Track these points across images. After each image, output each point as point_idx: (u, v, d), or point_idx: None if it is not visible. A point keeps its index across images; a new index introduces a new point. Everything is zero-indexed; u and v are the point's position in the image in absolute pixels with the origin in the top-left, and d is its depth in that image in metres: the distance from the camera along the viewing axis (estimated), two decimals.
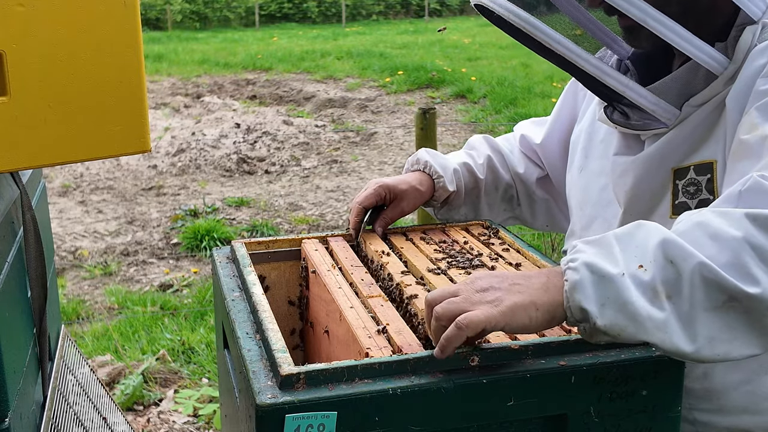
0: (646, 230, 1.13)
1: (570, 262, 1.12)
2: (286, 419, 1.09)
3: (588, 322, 1.10)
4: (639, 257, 1.10)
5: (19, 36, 1.23)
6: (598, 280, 1.09)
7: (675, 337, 1.09)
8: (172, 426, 3.35)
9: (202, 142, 8.35)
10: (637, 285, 1.08)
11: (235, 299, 1.50)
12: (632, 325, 1.08)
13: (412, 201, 1.76)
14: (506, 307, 1.12)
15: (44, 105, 1.27)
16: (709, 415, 1.42)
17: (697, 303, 1.08)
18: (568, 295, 1.10)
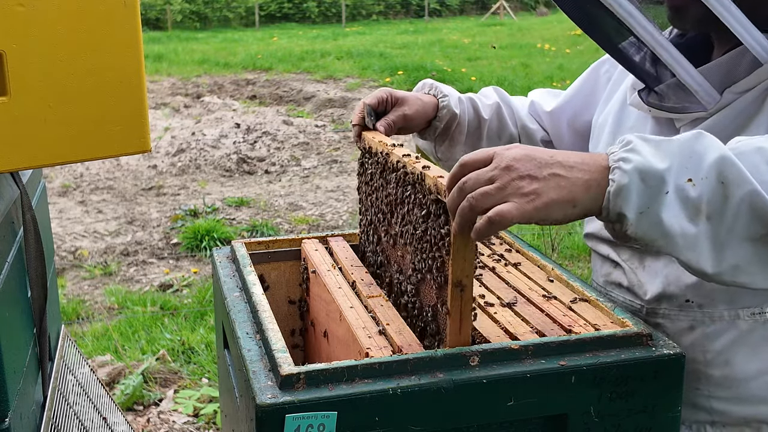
0: (706, 143, 1.09)
1: (622, 162, 1.08)
2: (286, 419, 1.09)
3: (622, 226, 1.08)
4: (691, 170, 1.07)
5: (19, 36, 1.23)
6: (645, 189, 1.06)
7: (702, 257, 1.08)
8: (172, 426, 3.35)
9: (202, 142, 8.35)
10: (681, 199, 1.06)
11: (235, 299, 1.50)
12: (663, 239, 1.07)
13: (414, 107, 1.69)
14: (543, 203, 1.07)
15: (44, 105, 1.27)
16: (727, 404, 1.42)
17: (736, 230, 1.07)
18: (611, 198, 1.07)
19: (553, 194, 1.07)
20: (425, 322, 1.34)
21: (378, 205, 1.56)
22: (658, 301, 1.45)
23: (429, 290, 1.32)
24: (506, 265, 1.61)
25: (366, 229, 1.66)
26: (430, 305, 1.31)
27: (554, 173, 1.08)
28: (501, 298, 1.45)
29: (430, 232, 1.28)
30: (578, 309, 1.40)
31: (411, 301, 1.41)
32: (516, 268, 1.60)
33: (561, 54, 14.68)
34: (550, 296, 1.46)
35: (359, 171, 1.67)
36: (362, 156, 1.65)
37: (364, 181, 1.64)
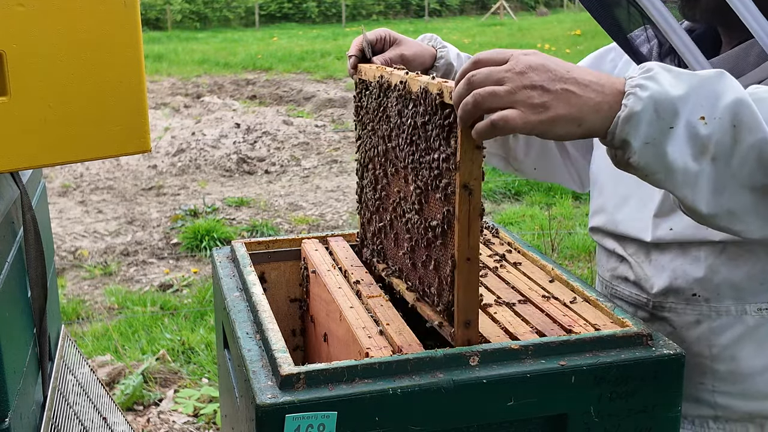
0: (726, 84, 1.07)
1: (638, 88, 1.05)
2: (286, 419, 1.09)
3: (624, 153, 1.07)
4: (706, 107, 1.05)
5: (19, 36, 1.23)
6: (656, 120, 1.04)
7: (699, 197, 1.07)
8: (172, 426, 3.35)
9: (202, 142, 8.35)
10: (690, 136, 1.05)
11: (235, 299, 1.50)
12: (664, 173, 1.06)
13: (412, 50, 1.65)
14: (548, 117, 1.05)
15: (44, 105, 1.27)
16: (731, 399, 1.42)
17: (739, 176, 1.06)
18: (620, 123, 1.05)
19: (561, 110, 1.05)
20: (432, 239, 1.30)
21: (377, 137, 1.53)
22: (665, 295, 1.45)
23: (435, 205, 1.28)
24: (506, 265, 1.61)
25: (364, 167, 1.62)
26: (437, 219, 1.27)
27: (567, 89, 1.06)
28: (501, 298, 1.45)
29: (435, 140, 1.24)
30: (578, 309, 1.40)
31: (415, 221, 1.36)
32: (516, 268, 1.60)
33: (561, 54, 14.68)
34: (550, 296, 1.46)
35: (356, 109, 1.63)
36: (358, 90, 1.62)
37: (361, 118, 1.62)
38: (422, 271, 1.36)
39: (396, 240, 1.46)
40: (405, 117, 1.36)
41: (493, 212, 6.30)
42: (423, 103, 1.28)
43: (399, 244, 1.45)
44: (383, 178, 1.52)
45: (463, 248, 1.20)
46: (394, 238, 1.48)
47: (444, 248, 1.27)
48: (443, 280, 1.27)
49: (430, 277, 1.33)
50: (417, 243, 1.36)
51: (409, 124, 1.34)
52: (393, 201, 1.47)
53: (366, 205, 1.62)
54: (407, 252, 1.41)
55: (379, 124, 1.50)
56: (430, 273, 1.32)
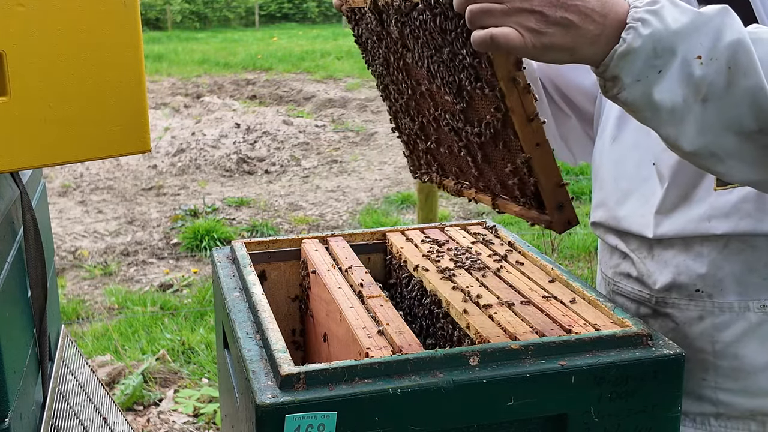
0: (727, 21, 1.04)
1: (641, 24, 1.02)
2: (286, 419, 1.09)
3: (613, 86, 1.05)
4: (704, 47, 1.02)
5: (19, 36, 1.23)
6: (653, 59, 1.02)
7: (682, 135, 1.05)
8: (172, 426, 3.35)
9: (202, 142, 8.35)
10: (683, 76, 1.02)
11: (235, 299, 1.50)
12: (650, 111, 1.05)
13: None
14: (541, 44, 1.01)
15: (44, 105, 1.27)
16: (733, 396, 1.42)
17: (727, 120, 1.04)
18: (615, 58, 1.02)
19: (556, 39, 1.02)
20: (492, 139, 1.22)
21: (391, 63, 1.45)
22: (668, 291, 1.45)
23: (482, 106, 1.20)
24: (507, 266, 1.61)
25: (390, 98, 1.53)
26: (490, 118, 1.19)
27: (566, 18, 1.01)
28: (501, 298, 1.45)
29: (459, 43, 1.16)
30: (578, 309, 1.40)
31: (466, 128, 1.27)
32: (516, 268, 1.60)
33: None
34: (550, 296, 1.46)
35: (358, 44, 1.55)
36: (353, 23, 1.52)
37: (368, 50, 1.52)
38: (492, 174, 1.29)
39: (451, 153, 1.38)
40: (416, 31, 1.27)
41: (493, 212, 6.30)
42: (435, 10, 1.19)
43: (456, 156, 1.37)
44: (413, 100, 1.44)
45: (528, 135, 1.13)
46: (449, 152, 1.40)
47: (508, 144, 1.19)
48: (520, 172, 1.19)
49: (505, 175, 1.24)
50: (477, 148, 1.28)
51: (423, 36, 1.25)
52: (434, 118, 1.39)
53: (407, 134, 1.54)
54: (468, 160, 1.33)
55: (388, 48, 1.42)
56: (503, 172, 1.23)
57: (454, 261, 1.62)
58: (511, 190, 1.24)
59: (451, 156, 1.40)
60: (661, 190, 1.43)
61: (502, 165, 1.23)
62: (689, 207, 1.40)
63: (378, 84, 1.57)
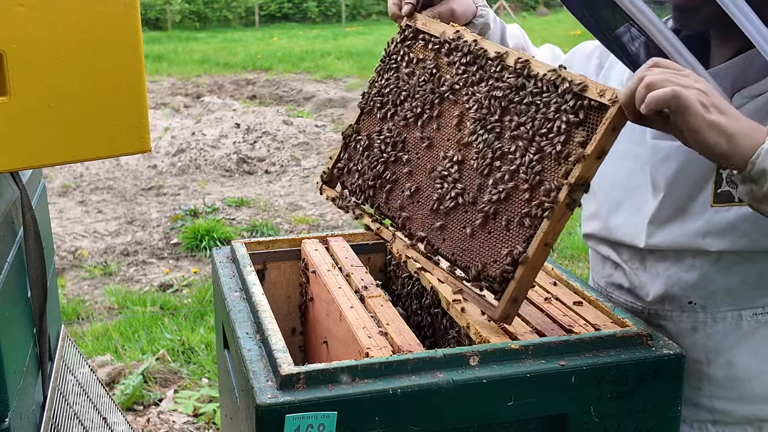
0: None
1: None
2: (286, 419, 1.09)
3: (760, 185, 1.12)
4: None
5: (19, 36, 1.23)
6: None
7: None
8: (171, 426, 3.35)
9: (202, 142, 8.34)
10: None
11: (235, 299, 1.49)
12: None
13: (462, 5, 1.64)
14: (711, 120, 1.11)
15: (44, 105, 1.27)
16: (729, 404, 1.43)
17: None
18: (762, 153, 1.11)
19: (723, 120, 1.12)
20: (513, 217, 1.29)
21: (419, 89, 1.51)
22: (661, 303, 1.45)
23: (548, 171, 1.28)
24: None
25: (380, 111, 1.57)
26: (537, 201, 1.26)
27: (729, 111, 1.14)
28: None
29: (551, 124, 1.27)
30: (578, 309, 1.40)
31: (485, 186, 1.34)
32: None
33: None
34: (550, 297, 1.46)
35: (392, 57, 1.60)
36: (402, 37, 1.60)
37: (394, 63, 1.59)
38: (465, 242, 1.33)
39: (420, 204, 1.42)
40: (490, 85, 1.38)
41: None
42: (545, 88, 1.30)
43: (425, 205, 1.41)
44: (417, 132, 1.48)
45: (549, 233, 1.22)
46: (419, 202, 1.43)
47: (521, 227, 1.26)
48: (501, 255, 1.27)
49: (479, 250, 1.30)
50: (477, 214, 1.33)
51: (502, 96, 1.35)
52: (435, 158, 1.43)
53: (368, 150, 1.55)
54: (445, 218, 1.38)
55: (430, 78, 1.50)
56: (492, 249, 1.29)
57: None
58: (469, 263, 1.32)
59: (416, 205, 1.43)
60: (654, 200, 1.43)
61: (495, 243, 1.30)
62: (684, 220, 1.41)
63: (375, 93, 1.59)
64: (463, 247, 1.33)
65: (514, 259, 1.24)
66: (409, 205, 1.45)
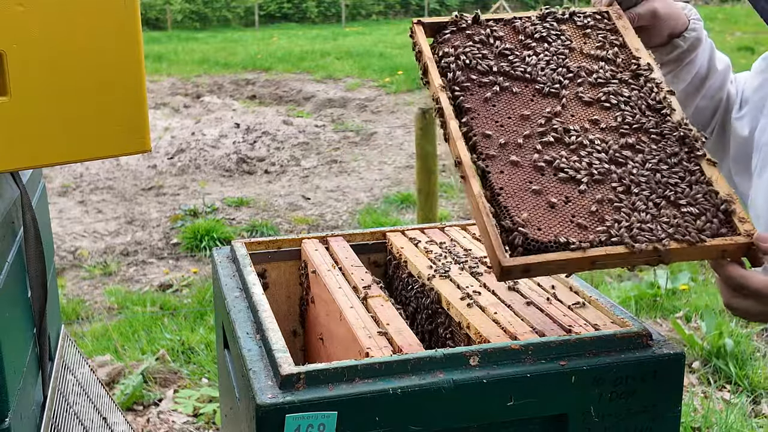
0: None
1: None
2: (286, 419, 1.09)
3: None
4: None
5: (19, 36, 1.23)
6: None
7: None
8: (171, 426, 3.35)
9: (202, 142, 8.34)
10: None
11: (235, 299, 1.49)
12: None
13: (669, 8, 1.47)
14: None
15: (44, 105, 1.27)
16: None
17: None
18: None
19: None
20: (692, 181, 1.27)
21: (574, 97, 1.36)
22: None
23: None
24: None
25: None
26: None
27: None
28: (501, 298, 1.45)
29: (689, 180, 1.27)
30: (578, 309, 1.40)
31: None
32: None
33: None
34: (550, 296, 1.46)
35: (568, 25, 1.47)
36: (592, 22, 1.47)
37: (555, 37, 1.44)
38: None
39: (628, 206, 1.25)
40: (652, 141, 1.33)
41: None
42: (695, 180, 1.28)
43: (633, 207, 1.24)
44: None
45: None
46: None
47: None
48: (555, 233, 1.17)
49: (542, 214, 1.19)
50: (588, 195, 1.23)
51: (655, 160, 1.30)
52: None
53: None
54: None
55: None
56: (549, 215, 1.20)
57: (454, 261, 1.62)
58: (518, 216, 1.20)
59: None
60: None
61: (561, 220, 1.21)
62: None
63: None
64: (530, 202, 1.21)
65: (560, 243, 1.15)
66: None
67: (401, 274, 1.69)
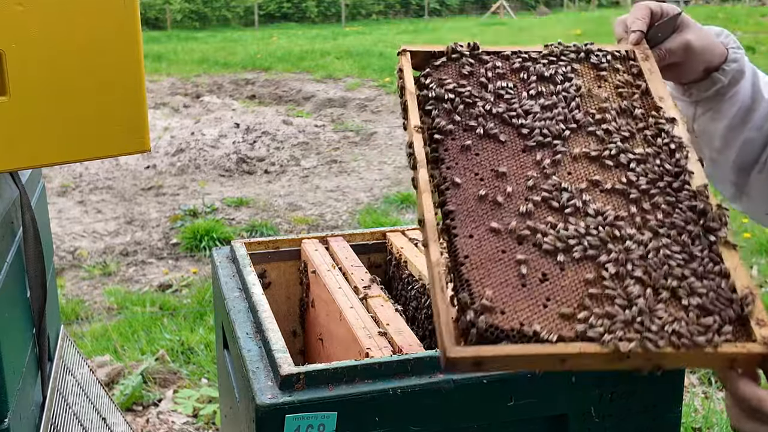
0: None
1: None
2: (286, 419, 1.08)
3: None
4: None
5: (19, 36, 1.23)
6: None
7: None
8: (171, 426, 3.35)
9: (202, 141, 8.34)
10: None
11: (235, 299, 1.49)
12: None
13: (703, 41, 1.28)
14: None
15: (44, 105, 1.27)
16: None
17: None
18: None
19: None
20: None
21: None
22: None
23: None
24: None
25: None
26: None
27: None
28: None
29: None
30: None
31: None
32: None
33: None
34: None
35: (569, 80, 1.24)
36: (617, 63, 1.27)
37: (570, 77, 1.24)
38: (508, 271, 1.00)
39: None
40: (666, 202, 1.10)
41: None
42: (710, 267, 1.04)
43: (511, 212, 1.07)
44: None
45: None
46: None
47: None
48: (520, 312, 0.95)
49: (513, 293, 0.97)
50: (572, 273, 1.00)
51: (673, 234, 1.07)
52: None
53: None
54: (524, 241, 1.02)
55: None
56: (519, 295, 0.97)
57: None
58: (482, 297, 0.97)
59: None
60: None
61: (533, 300, 0.98)
62: None
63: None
64: (498, 277, 0.99)
65: (524, 333, 0.93)
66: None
67: (401, 274, 1.69)
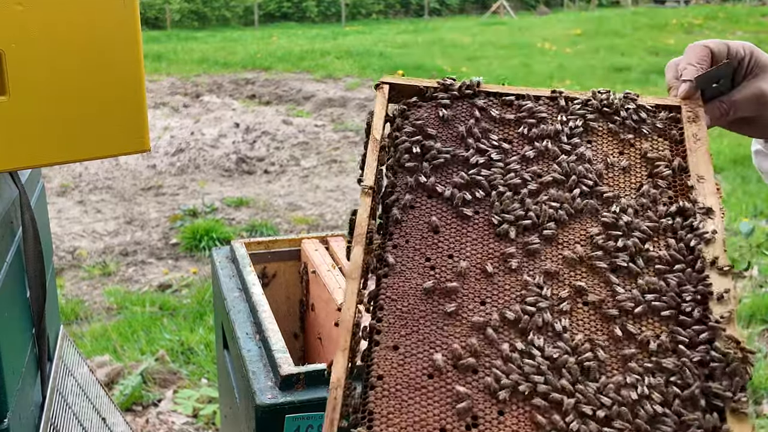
0: None
1: None
2: (286, 419, 1.08)
3: None
4: None
5: (19, 36, 1.23)
6: None
7: None
8: (171, 426, 3.35)
9: (201, 141, 8.34)
10: None
11: (234, 299, 1.49)
12: None
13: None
14: None
15: (43, 105, 1.27)
16: None
17: None
18: None
19: None
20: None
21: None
22: None
23: None
24: None
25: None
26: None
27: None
28: None
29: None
30: None
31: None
32: None
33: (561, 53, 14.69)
34: None
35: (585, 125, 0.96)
36: (667, 124, 0.97)
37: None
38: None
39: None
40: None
41: None
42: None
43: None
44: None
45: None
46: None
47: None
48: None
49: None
50: None
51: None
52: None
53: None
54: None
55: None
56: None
57: None
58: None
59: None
60: None
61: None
62: None
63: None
64: (413, 414, 0.81)
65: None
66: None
67: None
